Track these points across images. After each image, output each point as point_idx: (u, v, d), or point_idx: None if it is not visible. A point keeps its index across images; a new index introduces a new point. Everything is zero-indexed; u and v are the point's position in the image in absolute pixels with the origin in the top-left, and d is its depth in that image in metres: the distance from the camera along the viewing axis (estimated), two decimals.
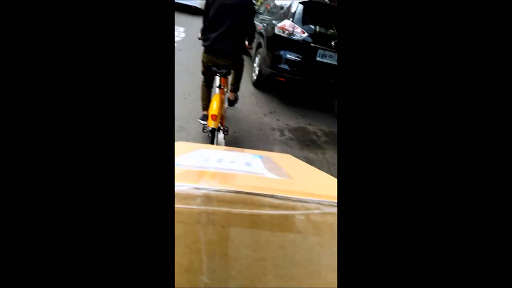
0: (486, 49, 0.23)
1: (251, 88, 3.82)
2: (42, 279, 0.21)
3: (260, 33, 3.80)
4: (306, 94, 4.07)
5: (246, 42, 2.04)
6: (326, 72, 3.32)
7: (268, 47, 3.42)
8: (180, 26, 6.64)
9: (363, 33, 0.25)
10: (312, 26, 3.26)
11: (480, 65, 0.23)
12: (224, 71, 1.90)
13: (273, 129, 2.88)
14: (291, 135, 2.83)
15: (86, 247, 0.22)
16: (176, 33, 5.85)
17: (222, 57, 1.88)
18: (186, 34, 5.98)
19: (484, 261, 0.21)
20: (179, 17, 7.64)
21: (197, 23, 7.09)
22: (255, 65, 3.91)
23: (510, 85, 0.22)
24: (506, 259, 0.21)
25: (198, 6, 8.48)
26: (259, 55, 3.72)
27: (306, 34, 3.18)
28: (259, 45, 3.81)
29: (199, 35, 2.01)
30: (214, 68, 1.89)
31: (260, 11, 4.61)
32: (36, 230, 0.21)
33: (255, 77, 3.84)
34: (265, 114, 3.14)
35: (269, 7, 4.54)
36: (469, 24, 0.23)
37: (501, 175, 0.22)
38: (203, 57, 1.95)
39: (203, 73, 2.04)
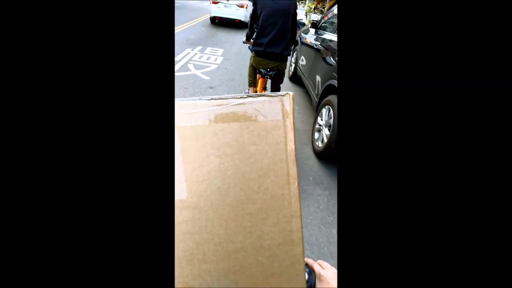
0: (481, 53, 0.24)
1: (312, 158, 2.25)
2: (44, 275, 0.22)
3: (329, 64, 2.23)
4: None
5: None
6: None
7: None
8: (219, 47, 5.45)
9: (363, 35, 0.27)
10: None
11: (478, 66, 0.24)
12: (271, 73, 2.14)
13: None
14: None
15: (86, 247, 0.23)
16: (212, 58, 4.64)
17: (272, 60, 2.09)
18: (224, 58, 4.72)
19: (481, 263, 0.23)
20: (218, 35, 6.52)
21: (239, 40, 5.74)
22: (320, 122, 2.29)
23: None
24: (502, 259, 0.22)
25: (242, 19, 7.40)
26: (329, 107, 2.12)
27: None
28: (329, 89, 2.21)
29: (244, 39, 2.42)
30: (263, 71, 2.13)
31: (324, 24, 3.00)
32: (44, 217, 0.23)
33: (320, 144, 2.24)
34: None
35: (327, 18, 2.93)
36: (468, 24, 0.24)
37: (498, 179, 0.23)
38: (254, 60, 2.17)
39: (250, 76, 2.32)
